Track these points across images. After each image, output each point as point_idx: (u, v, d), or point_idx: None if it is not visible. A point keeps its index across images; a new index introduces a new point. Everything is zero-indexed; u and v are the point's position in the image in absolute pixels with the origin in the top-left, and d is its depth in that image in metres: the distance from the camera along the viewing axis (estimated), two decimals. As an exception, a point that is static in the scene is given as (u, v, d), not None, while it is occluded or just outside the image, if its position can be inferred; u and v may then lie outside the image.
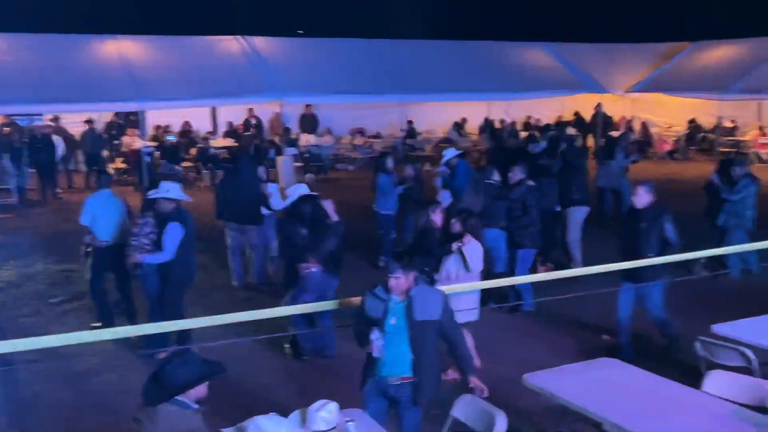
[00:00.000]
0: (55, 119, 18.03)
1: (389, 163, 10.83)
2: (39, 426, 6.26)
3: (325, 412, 4.13)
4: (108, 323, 7.94)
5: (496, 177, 9.07)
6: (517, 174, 8.81)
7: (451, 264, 6.88)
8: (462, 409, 4.82)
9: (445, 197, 10.25)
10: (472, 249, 6.82)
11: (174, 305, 7.40)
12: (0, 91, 14.85)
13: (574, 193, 10.06)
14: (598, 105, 21.64)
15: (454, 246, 6.85)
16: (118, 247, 8.05)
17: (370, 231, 11.22)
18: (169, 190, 7.36)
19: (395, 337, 4.69)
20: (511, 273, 8.48)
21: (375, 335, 4.64)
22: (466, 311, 6.80)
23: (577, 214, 10.23)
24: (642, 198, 7.12)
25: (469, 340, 7.04)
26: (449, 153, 11.11)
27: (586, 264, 9.32)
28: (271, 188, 9.90)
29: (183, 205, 7.50)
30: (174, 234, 7.20)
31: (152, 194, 7.49)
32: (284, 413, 4.33)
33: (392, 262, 4.73)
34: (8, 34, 17.17)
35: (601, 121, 21.62)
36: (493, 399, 6.12)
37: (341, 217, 7.60)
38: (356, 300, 5.17)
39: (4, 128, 17.04)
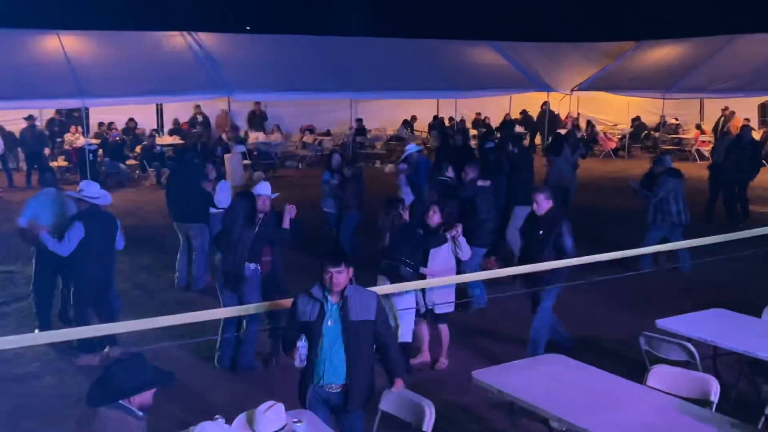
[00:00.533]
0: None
1: (334, 161, 10.79)
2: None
3: (272, 413, 4.06)
4: (46, 327, 7.70)
5: (450, 174, 9.12)
6: (469, 173, 8.90)
7: (445, 253, 6.98)
8: (390, 401, 4.78)
9: (407, 193, 10.28)
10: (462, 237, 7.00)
11: (78, 307, 7.23)
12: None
13: (519, 192, 10.15)
14: (545, 103, 21.97)
15: (449, 234, 6.90)
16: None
17: (318, 229, 11.16)
18: (82, 190, 7.19)
19: (333, 342, 4.59)
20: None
21: (301, 342, 4.56)
22: (445, 304, 6.99)
23: (521, 213, 10.31)
24: (541, 205, 6.95)
25: (445, 335, 7.11)
26: (411, 148, 11.12)
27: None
28: (223, 185, 9.67)
29: (102, 207, 7.27)
30: (74, 232, 6.96)
31: (70, 194, 7.42)
32: (228, 418, 4.24)
33: (333, 256, 4.62)
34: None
35: (548, 119, 21.92)
36: (442, 395, 6.17)
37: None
38: (287, 302, 5.07)
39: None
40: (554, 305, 7.15)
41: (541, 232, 6.89)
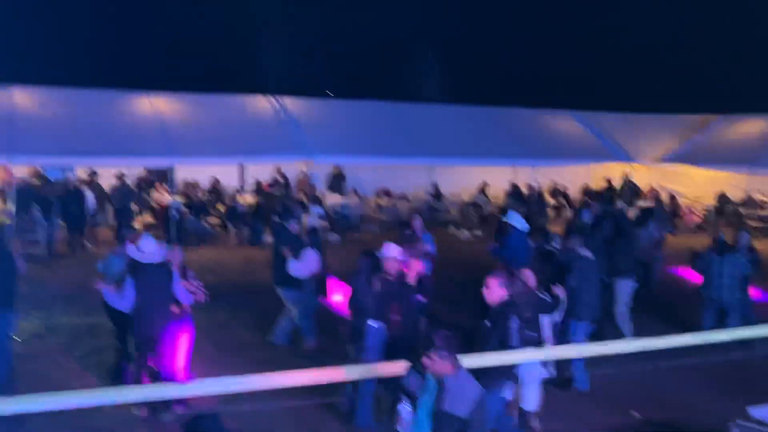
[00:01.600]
0: (92, 174, 18.24)
1: (416, 224, 10.74)
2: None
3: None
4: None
5: (557, 244, 8.98)
6: (572, 243, 8.64)
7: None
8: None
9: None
10: None
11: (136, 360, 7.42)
12: (34, 142, 15.20)
13: (621, 263, 9.89)
14: (627, 174, 21.58)
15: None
16: None
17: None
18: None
19: (422, 419, 4.49)
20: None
21: (403, 406, 4.48)
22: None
23: (625, 287, 10.02)
24: (491, 292, 5.99)
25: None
26: (513, 217, 10.57)
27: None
28: (308, 254, 9.49)
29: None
30: (127, 288, 7.22)
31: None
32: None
33: (438, 343, 4.40)
34: (47, 87, 17.65)
35: (629, 191, 21.53)
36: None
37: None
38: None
39: (34, 180, 17.28)
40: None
41: (487, 322, 6.00)
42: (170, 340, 7.41)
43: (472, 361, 5.56)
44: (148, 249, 7.43)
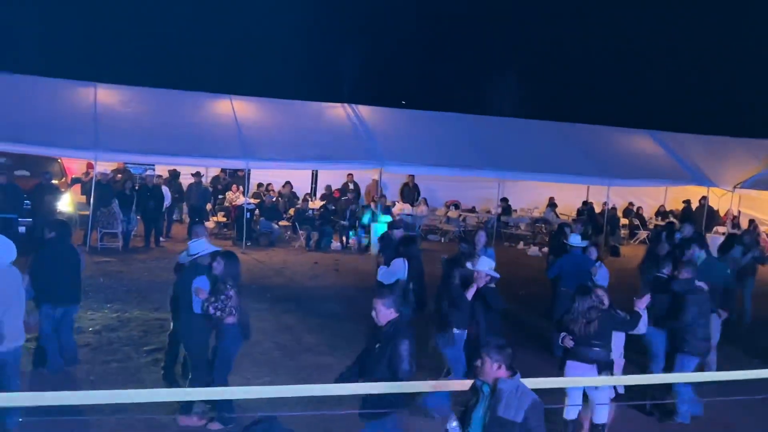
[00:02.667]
0: (173, 173, 18.80)
1: (480, 240, 10.56)
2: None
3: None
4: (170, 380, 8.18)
5: (667, 270, 8.70)
6: (688, 273, 8.32)
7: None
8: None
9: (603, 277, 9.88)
10: None
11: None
12: (118, 140, 15.74)
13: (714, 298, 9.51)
14: (704, 198, 20.94)
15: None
16: None
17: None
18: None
19: (475, 429, 4.55)
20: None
21: (450, 424, 4.52)
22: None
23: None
24: (379, 313, 5.77)
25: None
26: (574, 239, 10.64)
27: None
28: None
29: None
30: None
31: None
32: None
33: (492, 349, 4.58)
34: (133, 87, 18.28)
35: (707, 215, 20.89)
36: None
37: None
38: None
39: (118, 175, 17.92)
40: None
41: (377, 345, 5.75)
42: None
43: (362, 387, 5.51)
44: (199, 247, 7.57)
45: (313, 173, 21.93)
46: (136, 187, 16.88)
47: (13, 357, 6.55)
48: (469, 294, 7.75)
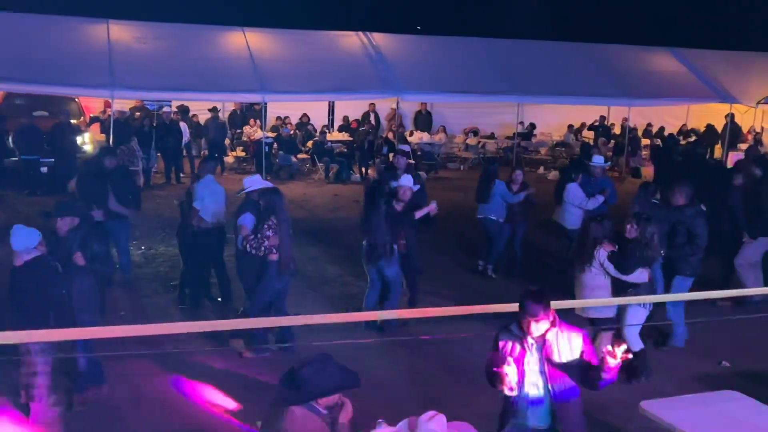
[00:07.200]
0: (183, 109, 18.75)
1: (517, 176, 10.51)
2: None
3: (434, 424, 4.09)
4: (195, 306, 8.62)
5: (657, 196, 8.54)
6: (681, 195, 7.97)
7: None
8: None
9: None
10: None
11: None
12: (134, 77, 15.63)
13: (760, 220, 9.13)
14: (730, 115, 20.54)
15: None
16: (218, 231, 8.57)
17: (471, 233, 11.23)
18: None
19: (535, 383, 4.41)
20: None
21: (508, 368, 4.34)
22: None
23: (762, 245, 9.27)
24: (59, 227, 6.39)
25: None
26: (597, 160, 10.60)
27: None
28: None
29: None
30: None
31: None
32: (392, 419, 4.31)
33: (530, 304, 4.30)
34: (143, 22, 18.05)
35: (729, 133, 20.57)
36: (606, 424, 5.98)
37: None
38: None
39: (136, 113, 17.90)
40: None
41: None
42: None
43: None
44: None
45: (329, 105, 21.77)
46: (154, 124, 16.89)
47: None
48: (419, 214, 8.26)
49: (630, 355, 4.27)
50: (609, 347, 4.22)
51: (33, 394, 5.68)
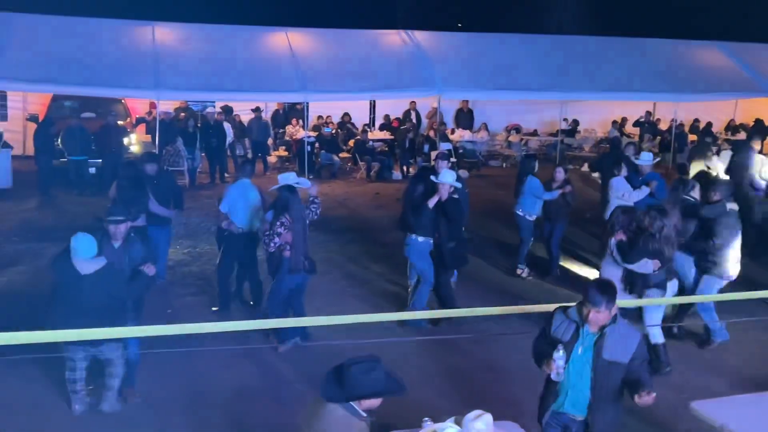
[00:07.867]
0: (226, 109, 18.96)
1: (558, 175, 10.37)
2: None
3: (481, 423, 4.08)
4: (225, 308, 8.61)
5: (696, 194, 8.29)
6: (719, 194, 7.87)
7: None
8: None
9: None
10: None
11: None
12: (178, 78, 15.85)
13: None
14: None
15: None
16: (251, 235, 8.56)
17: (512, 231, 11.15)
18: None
19: (580, 371, 4.37)
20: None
21: (558, 354, 4.30)
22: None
23: None
24: None
25: None
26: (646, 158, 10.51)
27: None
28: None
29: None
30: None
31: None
32: (438, 419, 4.31)
33: (596, 294, 4.27)
34: (189, 24, 18.28)
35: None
36: (657, 425, 5.88)
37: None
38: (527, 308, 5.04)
39: (181, 113, 18.15)
40: None
41: None
42: None
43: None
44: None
45: (371, 103, 21.81)
46: (198, 125, 17.12)
47: None
48: (431, 202, 7.95)
49: (654, 395, 4.26)
50: (638, 397, 4.25)
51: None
